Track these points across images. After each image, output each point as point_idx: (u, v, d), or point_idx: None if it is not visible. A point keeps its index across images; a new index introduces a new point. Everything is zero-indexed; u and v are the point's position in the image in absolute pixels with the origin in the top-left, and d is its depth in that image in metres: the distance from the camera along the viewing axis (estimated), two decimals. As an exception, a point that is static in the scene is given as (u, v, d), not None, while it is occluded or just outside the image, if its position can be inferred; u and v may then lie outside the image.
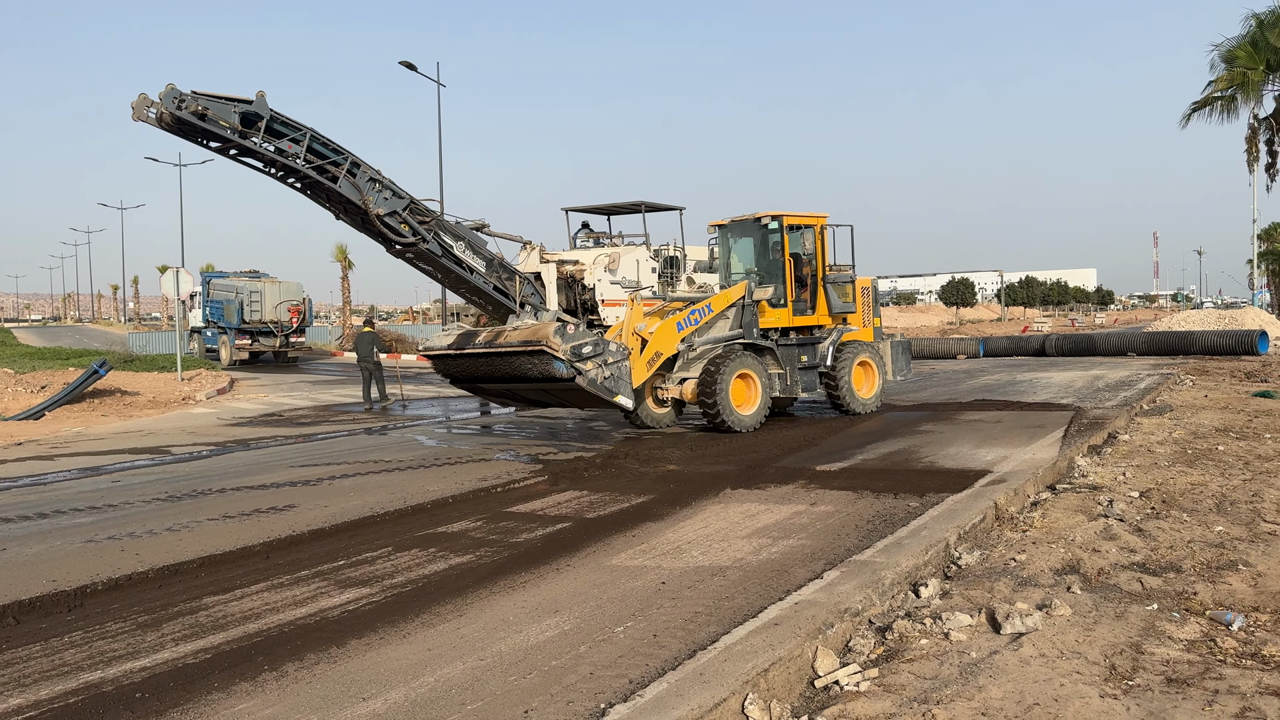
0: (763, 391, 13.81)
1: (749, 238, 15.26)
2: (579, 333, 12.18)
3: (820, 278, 15.00)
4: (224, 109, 15.78)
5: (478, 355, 12.78)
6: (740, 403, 13.56)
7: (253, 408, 19.68)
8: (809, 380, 14.82)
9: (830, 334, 15.11)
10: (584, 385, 11.96)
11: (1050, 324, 66.79)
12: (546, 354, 11.85)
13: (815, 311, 15.00)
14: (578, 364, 11.86)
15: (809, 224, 14.96)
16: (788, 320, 14.69)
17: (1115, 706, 4.04)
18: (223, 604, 5.95)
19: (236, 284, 33.51)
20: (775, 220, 14.59)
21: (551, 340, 11.76)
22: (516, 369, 12.43)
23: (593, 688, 4.32)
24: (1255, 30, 21.41)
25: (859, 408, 15.04)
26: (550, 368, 11.93)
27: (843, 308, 15.33)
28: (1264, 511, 7.51)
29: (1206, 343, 27.94)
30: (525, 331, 12.35)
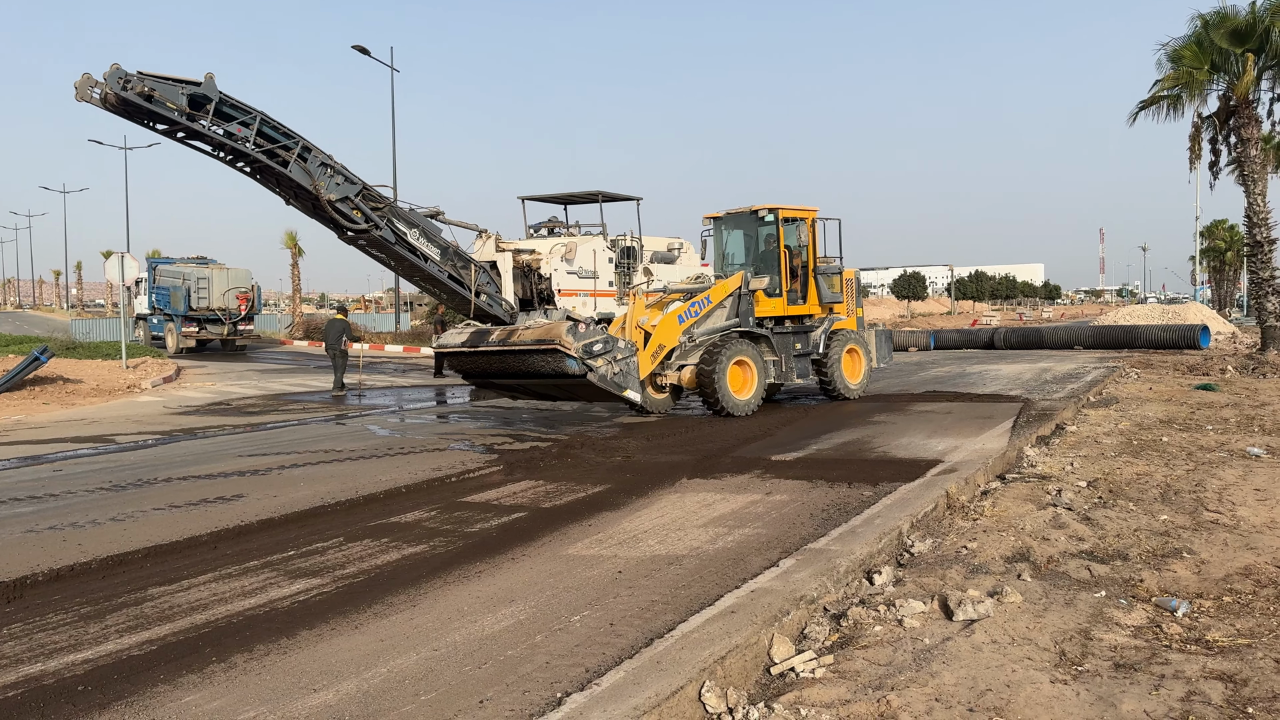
0: (759, 377, 14.30)
1: (744, 229, 15.77)
2: (590, 331, 12.75)
3: (811, 269, 15.49)
4: (171, 90, 15.45)
5: (491, 353, 13.33)
6: (738, 388, 14.02)
7: (200, 396, 19.32)
8: (802, 367, 15.35)
9: (821, 323, 15.65)
10: (595, 381, 12.59)
11: (999, 318, 67.88)
12: (559, 352, 12.42)
13: (806, 301, 15.50)
14: (589, 361, 12.45)
15: (802, 216, 15.40)
16: (782, 309, 15.19)
17: (1065, 692, 4.10)
18: (169, 595, 5.82)
19: (183, 270, 32.86)
20: (771, 213, 15.02)
21: (564, 339, 12.33)
22: (530, 366, 13.00)
23: (549, 677, 4.29)
24: (1201, 30, 21.86)
25: (848, 393, 15.66)
26: (563, 365, 12.50)
27: (832, 298, 15.85)
28: (1206, 501, 7.68)
29: (1151, 337, 28.58)
30: (538, 330, 12.93)
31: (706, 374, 13.61)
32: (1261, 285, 22.36)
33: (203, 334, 32.73)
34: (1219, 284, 79.83)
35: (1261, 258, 22.25)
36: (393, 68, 37.13)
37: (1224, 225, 74.92)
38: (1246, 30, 21.17)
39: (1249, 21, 21.15)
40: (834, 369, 15.45)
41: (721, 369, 13.64)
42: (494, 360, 13.47)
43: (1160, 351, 26.77)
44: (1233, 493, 7.95)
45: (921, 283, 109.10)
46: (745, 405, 13.99)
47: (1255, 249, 22.47)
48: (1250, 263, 23.23)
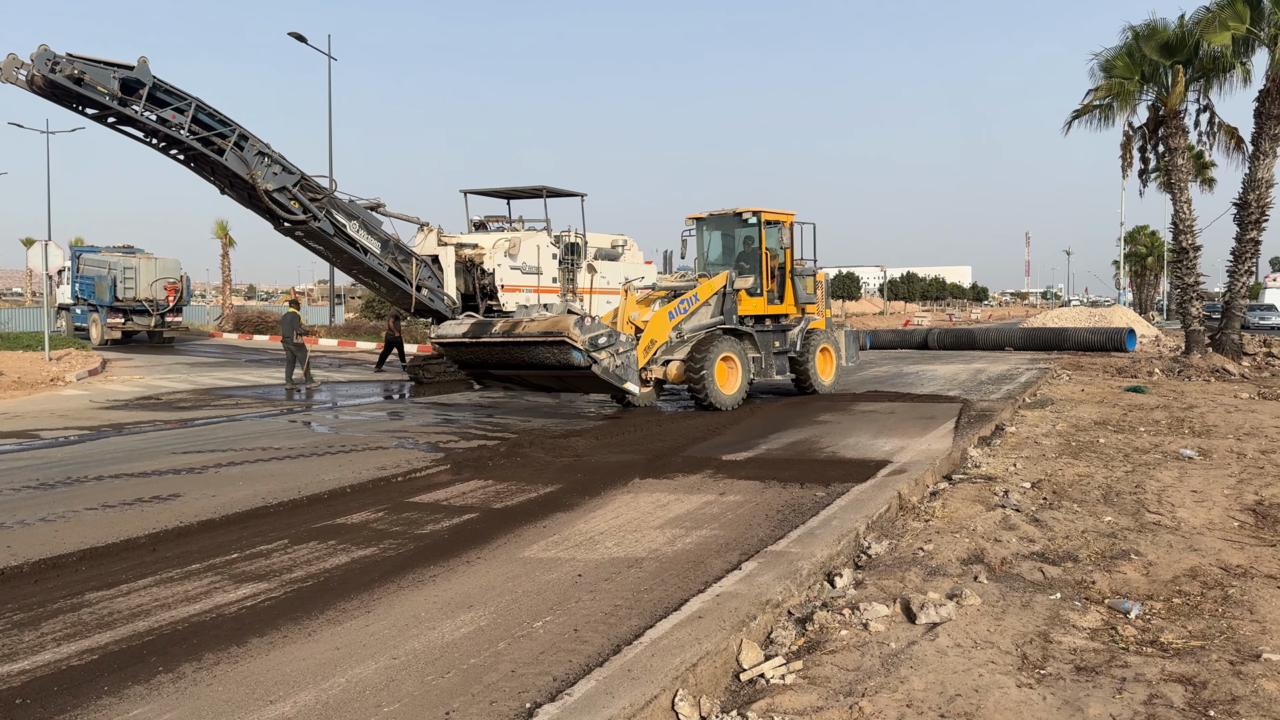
0: (743, 373, 14.71)
1: (726, 231, 16.33)
2: (595, 324, 13.10)
3: (789, 270, 16.06)
4: (103, 74, 14.91)
5: (494, 344, 13.49)
6: (724, 384, 14.42)
7: (127, 390, 18.69)
8: (780, 364, 15.85)
9: (798, 322, 16.23)
10: (598, 373, 12.85)
11: (930, 318, 69.21)
12: (566, 344, 12.63)
13: (784, 301, 16.08)
14: (593, 354, 12.72)
15: (781, 220, 15.90)
16: (763, 309, 15.71)
17: (1032, 696, 4.13)
18: (107, 600, 5.58)
19: (109, 259, 31.81)
20: (754, 215, 15.61)
21: (571, 331, 12.55)
22: (534, 357, 13.16)
23: (516, 686, 4.18)
24: (1132, 42, 22.44)
25: (821, 389, 16.33)
26: (569, 357, 12.71)
27: (807, 298, 16.49)
28: (1147, 503, 7.87)
29: (1079, 339, 29.31)
30: (545, 323, 13.07)
31: (696, 370, 13.97)
32: (1186, 291, 23.05)
33: (129, 325, 31.73)
34: (1140, 288, 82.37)
35: (1187, 264, 22.93)
36: (330, 56, 36.44)
37: (1145, 231, 77.31)
38: (1176, 43, 21.79)
39: (1179, 34, 21.77)
40: (810, 367, 16.06)
41: (710, 365, 14.04)
42: (496, 351, 13.62)
43: (1088, 354, 27.47)
44: (1171, 494, 8.16)
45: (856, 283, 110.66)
46: (731, 400, 14.38)
47: (1181, 255, 23.15)
48: (1175, 269, 23.94)
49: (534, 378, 14.19)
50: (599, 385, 13.54)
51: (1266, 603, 5.32)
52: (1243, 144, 22.68)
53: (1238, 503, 7.89)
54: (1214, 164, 30.26)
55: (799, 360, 16.03)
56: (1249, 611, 5.20)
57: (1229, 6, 20.86)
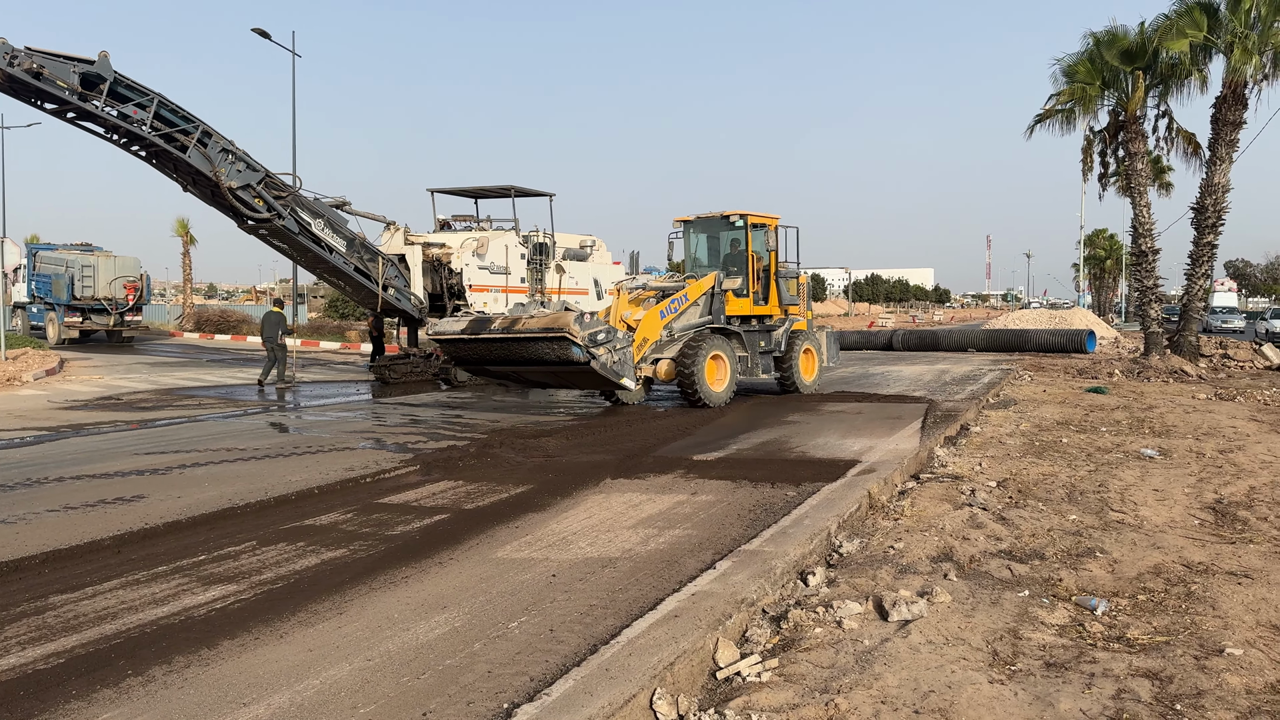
0: (731, 371, 15.09)
1: (713, 233, 16.68)
2: (594, 321, 13.43)
3: (774, 272, 16.38)
4: (62, 69, 14.65)
5: (493, 340, 13.67)
6: (713, 381, 14.77)
7: (87, 390, 18.38)
8: (766, 363, 16.17)
9: (782, 323, 16.55)
10: (596, 368, 13.11)
11: (894, 320, 69.81)
12: (566, 340, 12.84)
13: (769, 303, 16.40)
14: (592, 349, 12.99)
15: (766, 223, 16.33)
16: (749, 309, 16.05)
17: (1004, 692, 4.18)
18: (73, 603, 5.49)
19: (67, 257, 31.26)
20: (741, 218, 15.96)
21: (572, 327, 12.79)
22: (534, 353, 13.36)
23: (493, 687, 4.17)
24: (1093, 48, 22.81)
25: (804, 389, 16.61)
26: (568, 352, 12.94)
27: (790, 300, 16.86)
28: (1110, 501, 8.00)
29: (1040, 341, 29.72)
30: (545, 319, 13.30)
31: (686, 367, 14.31)
32: (1145, 293, 23.46)
33: (87, 324, 31.21)
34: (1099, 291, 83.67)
35: (1146, 267, 23.34)
36: (294, 52, 35.98)
37: (1104, 234, 78.52)
38: (1136, 50, 22.18)
39: (1138, 41, 22.17)
40: (794, 367, 16.40)
41: (700, 363, 14.40)
42: (495, 347, 13.80)
43: (1049, 355, 27.85)
44: (1134, 493, 8.30)
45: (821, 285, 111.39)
46: (719, 397, 14.73)
47: (1140, 258, 23.56)
48: (1135, 271, 24.36)
49: (531, 373, 14.38)
50: (595, 381, 13.78)
51: (1228, 598, 5.43)
52: (1200, 149, 23.14)
53: (1198, 501, 8.04)
54: (1172, 169, 30.73)
55: (783, 360, 16.35)
56: (1211, 607, 5.30)
57: (1187, 14, 21.28)
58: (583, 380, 14.18)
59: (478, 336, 13.89)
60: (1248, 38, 20.37)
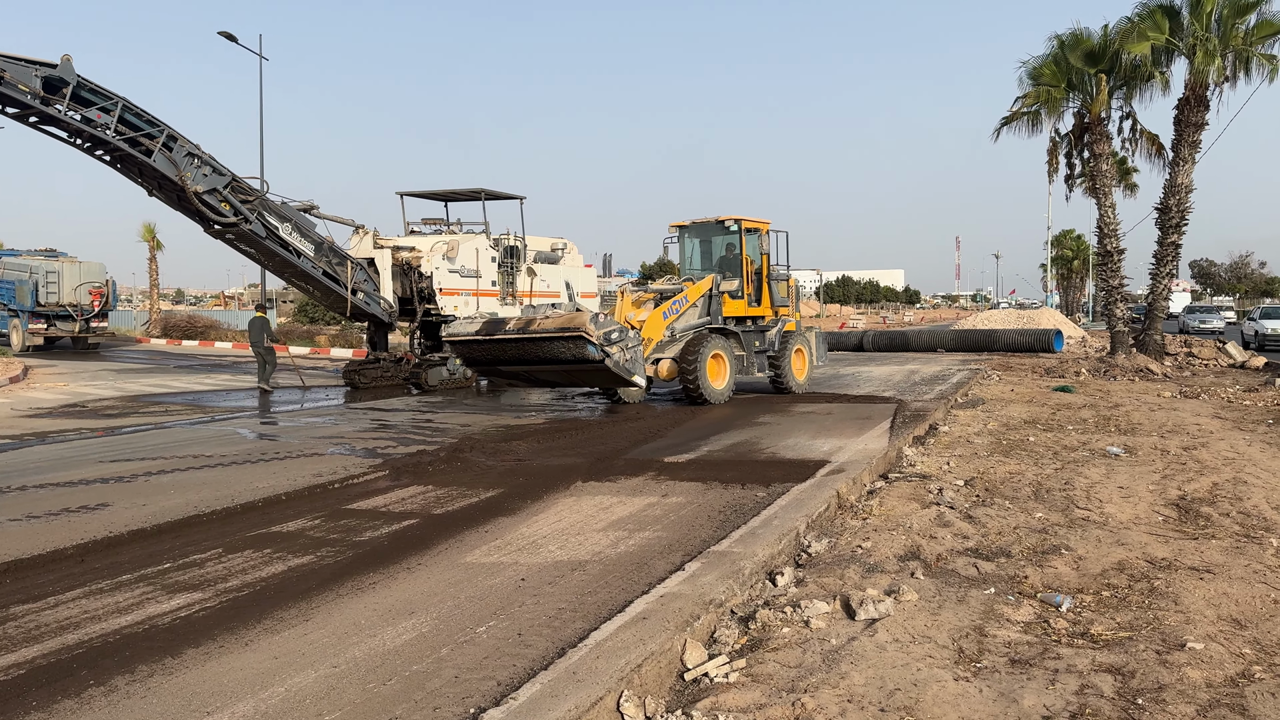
0: (730, 369, 15.67)
1: (707, 238, 17.33)
2: (608, 320, 13.74)
3: (765, 275, 16.96)
4: (24, 72, 14.46)
5: (508, 340, 14.07)
6: (714, 379, 15.33)
7: (51, 398, 18.13)
8: (760, 362, 16.73)
9: (775, 324, 17.09)
10: (610, 366, 13.45)
11: (864, 321, 70.20)
12: (583, 339, 13.22)
13: (761, 304, 16.98)
14: (606, 348, 13.34)
15: (759, 227, 16.89)
16: (743, 311, 16.64)
17: (969, 689, 4.22)
18: (35, 613, 5.41)
19: (30, 263, 30.80)
20: (736, 223, 16.62)
21: (588, 326, 13.16)
22: (550, 352, 13.72)
23: (459, 692, 4.15)
24: (1058, 51, 23.06)
25: (796, 388, 17.05)
26: (584, 351, 13.31)
27: (781, 302, 17.44)
28: (1076, 499, 8.08)
29: (1009, 340, 30.00)
30: (561, 319, 13.66)
31: (689, 366, 14.89)
32: (1111, 293, 23.74)
33: (52, 331, 30.76)
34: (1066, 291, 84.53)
35: (1111, 267, 23.62)
36: (261, 55, 35.71)
37: (1071, 235, 79.33)
38: (1099, 52, 22.45)
39: (1102, 44, 22.44)
40: (785, 366, 16.81)
41: (703, 362, 14.99)
42: (510, 347, 14.16)
43: (1018, 355, 28.11)
44: (1099, 490, 8.40)
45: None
46: (721, 395, 15.33)
47: (1105, 258, 23.85)
48: (1101, 271, 24.65)
49: (543, 373, 14.73)
50: (607, 379, 14.15)
51: (1190, 594, 5.50)
52: (1164, 150, 23.46)
53: (1162, 498, 8.14)
54: (1137, 169, 31.13)
55: (776, 359, 16.77)
56: (1174, 603, 5.37)
57: (1149, 18, 21.57)
58: (594, 378, 14.49)
59: (492, 337, 14.24)
60: (1209, 40, 20.67)
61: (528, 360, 14.25)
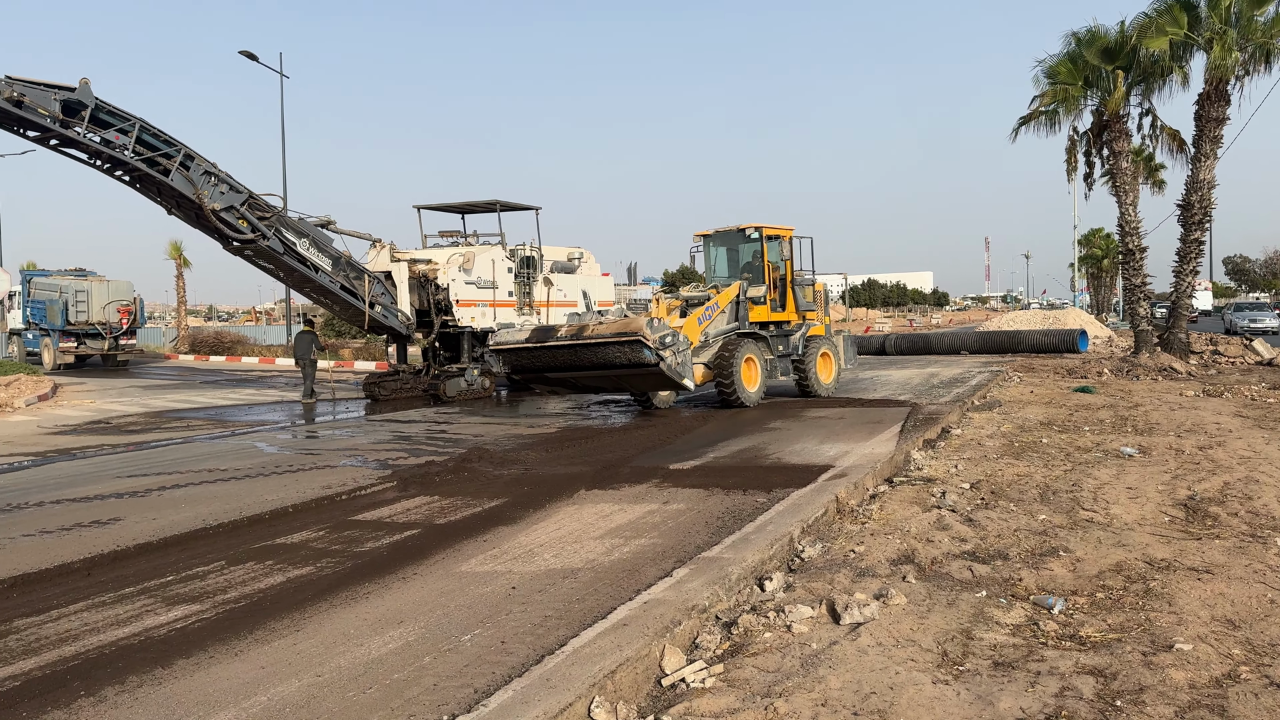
0: (762, 373, 16.06)
1: (731, 246, 17.65)
2: (662, 325, 14.05)
3: (790, 280, 17.25)
4: (43, 96, 14.75)
5: (560, 347, 14.47)
6: (748, 383, 15.71)
7: (78, 414, 18.44)
8: (785, 366, 17.02)
9: (799, 328, 17.40)
10: (664, 369, 13.77)
11: (891, 324, 69.70)
12: (640, 342, 13.58)
13: (785, 309, 17.25)
14: (661, 352, 13.63)
15: (781, 234, 17.17)
16: (767, 315, 16.85)
17: (946, 692, 4.20)
18: (36, 626, 5.52)
19: (60, 283, 31.34)
20: (756, 230, 16.90)
21: (645, 330, 13.54)
22: (604, 357, 14.09)
23: (435, 699, 4.20)
24: (1074, 48, 22.88)
25: (822, 392, 17.23)
26: (640, 355, 13.67)
27: (806, 306, 17.74)
28: (1082, 500, 8.00)
29: (1033, 341, 29.68)
30: (617, 324, 14.11)
31: (726, 370, 15.27)
32: (1134, 291, 23.48)
33: (82, 349, 31.26)
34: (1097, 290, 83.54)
35: (1134, 265, 23.37)
36: (282, 74, 36.27)
37: (1100, 234, 78.40)
38: (1116, 48, 22.25)
39: (1119, 40, 22.24)
40: (810, 370, 17.04)
41: (739, 366, 15.41)
42: (562, 353, 14.56)
43: (1042, 355, 27.81)
44: (1107, 491, 8.31)
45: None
46: (754, 398, 15.69)
47: (1128, 257, 23.59)
48: (1124, 270, 24.38)
49: (588, 378, 15.17)
50: (658, 382, 14.44)
51: (1185, 594, 5.44)
52: (1185, 146, 23.18)
53: (1170, 498, 8.04)
54: (1164, 166, 30.77)
55: (800, 363, 17.02)
56: (1168, 604, 5.32)
57: (1167, 12, 21.36)
58: (645, 382, 14.72)
59: (543, 344, 14.62)
60: (1226, 34, 20.43)
61: (579, 366, 14.54)
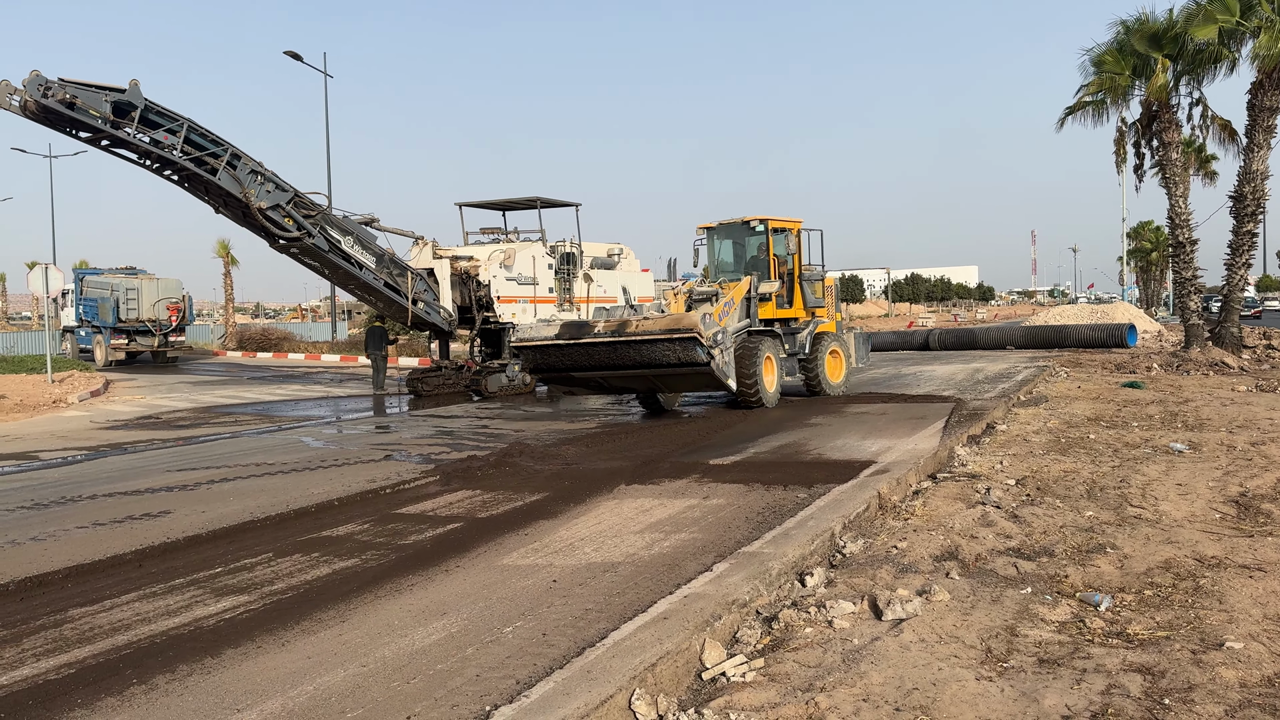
0: (778, 372, 15.20)
1: (735, 238, 16.79)
2: (712, 321, 13.25)
3: (797, 275, 16.41)
4: (94, 98, 15.07)
5: (599, 344, 13.48)
6: (768, 382, 14.85)
7: (128, 410, 18.84)
8: (790, 365, 16.12)
9: (807, 325, 16.44)
10: (714, 369, 13.09)
11: (934, 319, 68.96)
12: (693, 340, 12.69)
13: (793, 305, 16.36)
14: (713, 350, 12.91)
15: (788, 227, 16.40)
16: (773, 312, 15.95)
17: (990, 688, 4.16)
18: (90, 616, 5.65)
19: (112, 281, 32.05)
20: (762, 223, 16.14)
21: (699, 327, 12.67)
22: (651, 356, 13.18)
23: (478, 690, 4.24)
24: (1122, 36, 22.46)
25: (831, 391, 16.45)
26: (693, 354, 12.83)
27: (815, 302, 16.80)
28: (1130, 496, 7.88)
29: (1080, 336, 29.24)
30: (667, 320, 13.19)
31: (748, 370, 14.30)
32: (1184, 285, 23.03)
33: (132, 346, 31.96)
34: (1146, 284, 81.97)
35: (1184, 258, 22.92)
36: (326, 73, 36.71)
37: (1150, 226, 76.89)
38: (1164, 35, 21.81)
39: (1166, 27, 21.80)
40: (819, 368, 16.24)
41: (760, 365, 14.50)
42: (600, 352, 13.56)
43: (1089, 350, 27.41)
44: (1155, 488, 8.17)
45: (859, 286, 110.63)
46: (773, 397, 14.91)
47: (1178, 249, 23.14)
48: (1174, 263, 23.92)
49: (624, 379, 14.23)
50: (706, 382, 13.76)
51: (1236, 592, 5.34)
52: (1236, 136, 22.70)
53: (1221, 495, 7.89)
54: (1215, 156, 30.13)
55: (807, 362, 16.25)
56: (1218, 601, 5.22)
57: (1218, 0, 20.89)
58: (692, 382, 14.09)
59: (577, 341, 13.62)
60: (1275, 23, 19.94)
61: (619, 365, 13.61)
